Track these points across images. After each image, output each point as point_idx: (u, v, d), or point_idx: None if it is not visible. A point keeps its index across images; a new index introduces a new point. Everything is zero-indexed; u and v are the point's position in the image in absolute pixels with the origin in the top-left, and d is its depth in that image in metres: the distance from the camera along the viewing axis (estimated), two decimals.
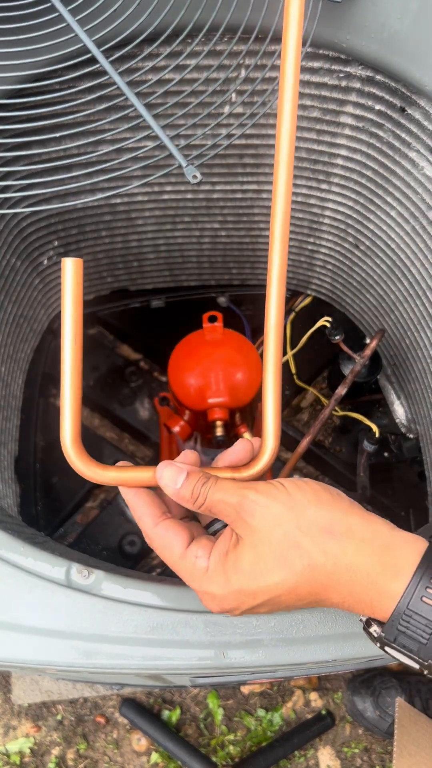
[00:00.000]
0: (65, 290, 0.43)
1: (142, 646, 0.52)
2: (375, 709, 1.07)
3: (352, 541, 0.37)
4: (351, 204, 0.96)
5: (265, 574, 0.37)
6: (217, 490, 0.39)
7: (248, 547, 0.38)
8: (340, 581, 0.37)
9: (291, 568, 0.37)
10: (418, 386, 1.00)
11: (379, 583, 0.36)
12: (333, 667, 0.68)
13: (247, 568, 0.38)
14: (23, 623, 0.52)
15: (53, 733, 1.11)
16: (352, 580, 0.37)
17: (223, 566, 0.39)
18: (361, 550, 0.36)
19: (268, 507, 0.38)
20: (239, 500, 0.38)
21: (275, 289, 0.47)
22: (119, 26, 0.63)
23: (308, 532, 0.37)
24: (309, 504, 0.38)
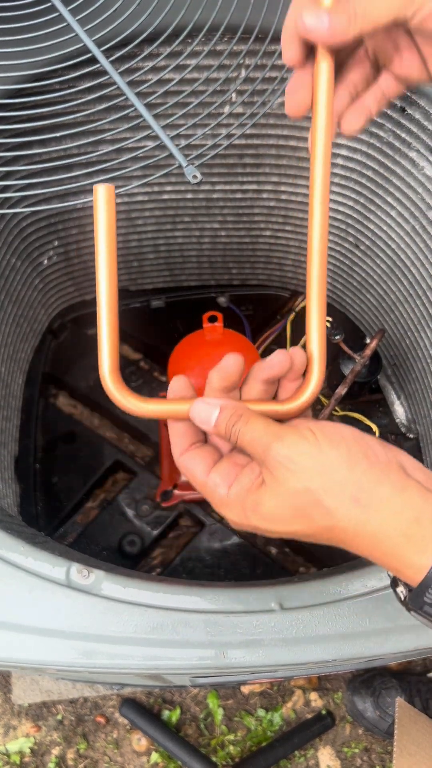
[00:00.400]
0: (98, 217, 0.39)
1: (142, 646, 0.52)
2: (375, 709, 1.07)
3: (378, 513, 0.35)
4: (351, 204, 0.96)
5: (283, 522, 0.37)
6: (247, 430, 0.38)
7: (270, 493, 0.37)
8: (361, 545, 0.37)
9: (310, 522, 0.37)
10: (418, 386, 1.00)
11: (404, 555, 0.36)
12: (333, 667, 0.68)
13: (265, 512, 0.37)
14: (23, 623, 0.52)
15: (53, 733, 1.11)
16: (374, 547, 0.36)
17: (242, 502, 0.38)
18: (387, 521, 0.35)
19: (294, 462, 0.36)
20: (265, 448, 0.37)
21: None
22: (119, 26, 0.63)
23: (334, 495, 0.36)
24: (339, 466, 0.36)
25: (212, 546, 1.02)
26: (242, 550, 1.02)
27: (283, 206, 1.01)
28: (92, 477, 1.07)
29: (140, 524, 1.04)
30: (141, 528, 1.04)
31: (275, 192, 0.98)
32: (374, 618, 0.53)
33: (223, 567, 1.01)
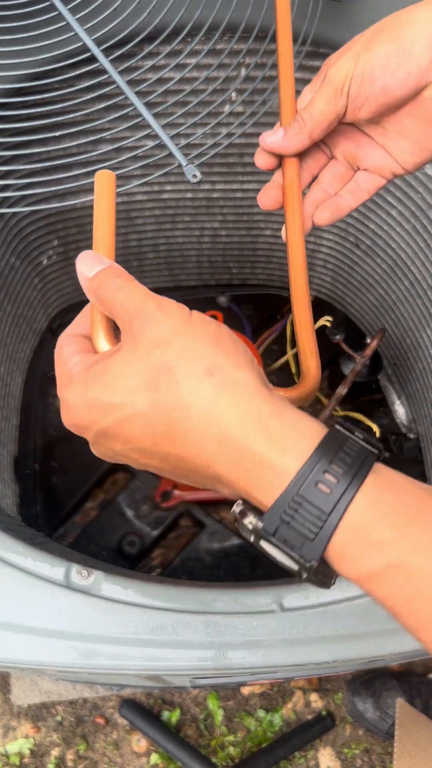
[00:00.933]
0: (99, 203, 0.40)
1: (141, 647, 0.52)
2: (375, 710, 1.06)
3: (229, 391, 0.29)
4: None
5: (125, 390, 0.30)
6: (122, 290, 0.33)
7: (121, 359, 0.31)
8: (207, 438, 0.29)
9: (154, 393, 0.30)
10: (419, 386, 1.00)
11: (262, 454, 0.29)
12: (333, 668, 0.68)
13: (109, 381, 0.31)
14: (22, 624, 0.52)
15: (53, 734, 1.11)
16: (221, 443, 0.29)
17: (86, 373, 0.33)
18: (239, 405, 0.29)
19: (159, 324, 0.31)
20: (137, 308, 0.32)
21: None
22: (119, 25, 0.62)
23: (187, 363, 0.30)
24: (203, 339, 0.31)
25: (212, 546, 1.02)
26: (242, 550, 1.02)
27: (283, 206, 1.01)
28: (92, 477, 1.07)
29: (140, 525, 1.04)
30: (141, 528, 1.04)
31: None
32: (375, 619, 0.52)
33: (223, 567, 1.01)
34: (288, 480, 0.28)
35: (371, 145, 0.41)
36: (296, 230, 0.43)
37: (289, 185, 0.42)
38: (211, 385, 0.29)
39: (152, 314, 0.32)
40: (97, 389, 0.32)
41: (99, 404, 0.31)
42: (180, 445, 0.30)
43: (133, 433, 0.31)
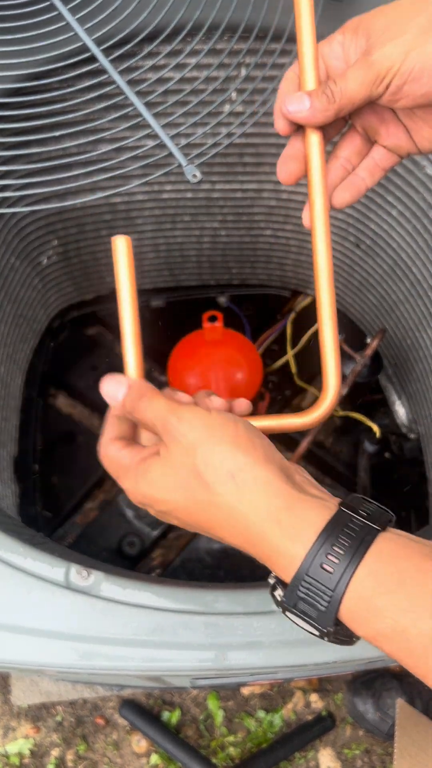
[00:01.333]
0: (118, 269, 0.45)
1: (141, 648, 0.52)
2: (376, 711, 1.06)
3: (251, 493, 0.36)
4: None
5: (166, 491, 0.39)
6: (150, 407, 0.40)
7: (160, 464, 0.39)
8: (235, 527, 0.37)
9: (191, 494, 0.38)
10: (419, 386, 0.99)
11: (275, 542, 0.35)
12: (333, 668, 0.68)
13: (152, 479, 0.39)
14: (22, 624, 0.52)
15: (53, 735, 1.11)
16: (246, 530, 0.37)
17: (136, 469, 0.40)
18: (259, 502, 0.36)
19: (185, 436, 0.38)
20: (164, 425, 0.39)
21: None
22: (119, 25, 0.62)
23: (213, 469, 0.37)
24: (223, 442, 0.37)
25: (212, 547, 1.02)
26: (242, 551, 1.02)
27: (283, 205, 1.01)
28: (92, 477, 1.07)
29: (140, 525, 1.04)
30: (141, 529, 1.04)
31: (275, 191, 0.98)
32: None
33: (223, 568, 1.01)
34: (297, 564, 0.34)
35: (396, 124, 0.40)
36: (318, 205, 0.42)
37: (314, 165, 0.40)
38: (234, 488, 0.36)
39: (176, 429, 0.38)
40: (145, 485, 0.40)
41: (149, 496, 0.40)
42: (218, 529, 0.38)
43: (180, 517, 0.39)
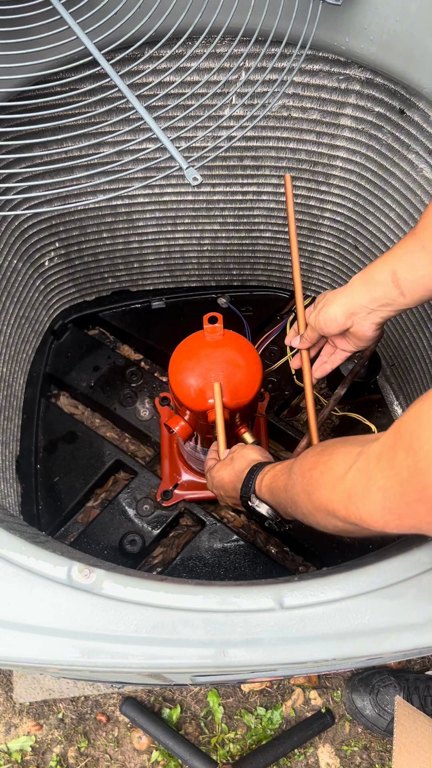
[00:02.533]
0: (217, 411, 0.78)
1: (142, 645, 0.52)
2: (374, 707, 1.07)
3: (230, 465, 0.76)
4: (350, 205, 0.96)
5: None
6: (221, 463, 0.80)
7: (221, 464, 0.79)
8: (237, 478, 0.74)
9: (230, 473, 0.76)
10: (416, 386, 1.00)
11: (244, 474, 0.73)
12: (332, 665, 0.68)
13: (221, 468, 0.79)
14: (25, 622, 0.52)
15: (54, 732, 1.11)
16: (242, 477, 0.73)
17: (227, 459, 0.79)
18: (246, 460, 0.74)
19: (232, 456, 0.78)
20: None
21: None
22: (121, 29, 0.63)
23: (225, 466, 0.77)
24: (238, 452, 0.77)
25: (213, 545, 1.03)
26: (242, 549, 1.02)
27: (282, 207, 1.01)
28: (93, 477, 1.08)
29: (141, 524, 1.05)
30: (142, 527, 1.05)
31: (275, 194, 0.99)
32: (373, 617, 0.53)
33: (224, 566, 1.02)
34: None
35: (341, 340, 0.74)
36: (307, 380, 0.80)
37: (305, 362, 0.80)
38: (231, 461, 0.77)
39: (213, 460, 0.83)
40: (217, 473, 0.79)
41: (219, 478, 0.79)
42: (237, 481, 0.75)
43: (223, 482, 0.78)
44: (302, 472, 0.57)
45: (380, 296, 0.66)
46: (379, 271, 0.66)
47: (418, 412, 0.41)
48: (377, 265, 0.66)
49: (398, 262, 0.64)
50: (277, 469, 0.66)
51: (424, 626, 0.53)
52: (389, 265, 0.65)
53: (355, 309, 0.68)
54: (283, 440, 1.13)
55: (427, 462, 0.40)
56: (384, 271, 0.65)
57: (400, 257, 0.64)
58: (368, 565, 0.55)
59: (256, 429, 1.08)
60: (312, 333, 0.75)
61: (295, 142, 0.89)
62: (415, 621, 0.53)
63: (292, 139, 0.89)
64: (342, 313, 0.69)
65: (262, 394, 1.10)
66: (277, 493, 0.64)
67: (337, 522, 0.52)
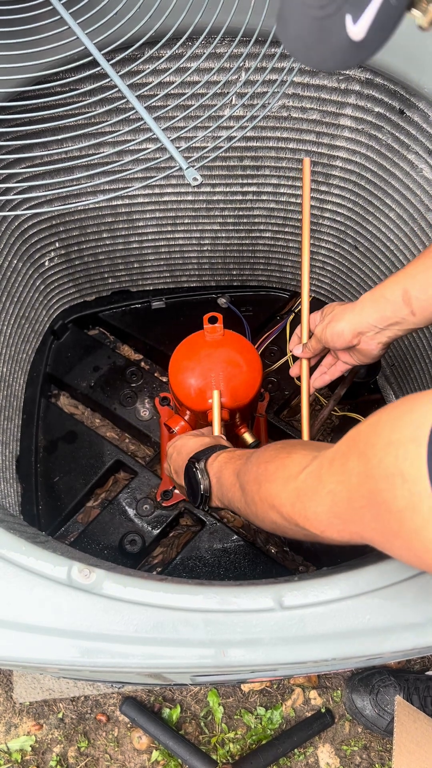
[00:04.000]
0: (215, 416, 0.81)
1: (142, 645, 0.52)
2: (374, 707, 1.07)
3: (201, 436, 0.79)
4: (350, 205, 0.96)
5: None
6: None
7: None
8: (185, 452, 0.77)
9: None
10: (416, 386, 1.00)
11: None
12: (332, 665, 0.69)
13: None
14: (25, 622, 0.52)
15: (54, 731, 1.11)
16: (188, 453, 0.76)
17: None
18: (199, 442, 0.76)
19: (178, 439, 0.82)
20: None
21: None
22: (121, 29, 0.63)
23: (194, 434, 0.81)
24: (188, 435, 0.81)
25: (212, 545, 1.03)
26: (242, 549, 1.02)
27: (282, 208, 1.01)
28: (93, 476, 1.08)
29: (141, 523, 1.05)
30: (142, 527, 1.05)
31: (275, 194, 0.99)
32: (373, 617, 0.53)
33: (224, 566, 1.02)
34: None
35: (344, 353, 0.74)
36: (305, 390, 0.80)
37: (303, 371, 0.79)
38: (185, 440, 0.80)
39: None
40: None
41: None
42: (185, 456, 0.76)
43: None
44: (258, 463, 0.58)
45: (390, 315, 0.66)
46: (390, 289, 0.65)
47: (377, 421, 0.42)
48: (388, 284, 0.66)
49: (410, 281, 0.64)
50: (236, 453, 0.68)
51: (424, 626, 0.53)
52: (401, 283, 0.65)
53: (363, 328, 0.68)
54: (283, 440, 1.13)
55: (378, 469, 0.40)
56: (395, 290, 0.65)
57: (412, 276, 0.64)
58: (368, 565, 0.55)
59: (256, 429, 1.08)
60: (317, 344, 0.74)
61: (295, 142, 0.89)
62: (415, 621, 0.53)
63: (292, 139, 0.89)
64: (350, 330, 0.68)
65: (262, 394, 1.10)
66: (225, 474, 0.66)
67: (276, 518, 0.54)
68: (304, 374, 0.79)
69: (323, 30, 0.39)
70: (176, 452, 0.79)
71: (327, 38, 0.39)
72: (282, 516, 0.52)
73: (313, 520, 0.48)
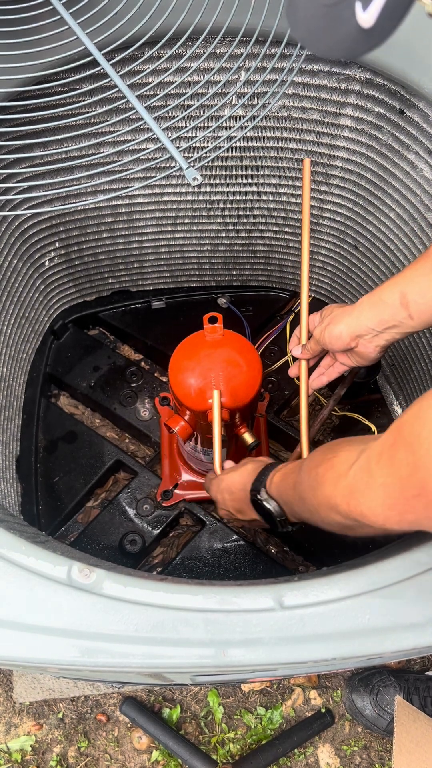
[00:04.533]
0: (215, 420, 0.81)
1: (143, 645, 0.52)
2: (374, 707, 1.07)
3: (242, 467, 0.77)
4: (350, 205, 0.96)
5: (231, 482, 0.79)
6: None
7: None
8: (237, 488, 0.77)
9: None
10: (416, 386, 1.00)
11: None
12: (332, 665, 0.69)
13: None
14: (25, 622, 0.52)
15: (54, 731, 1.11)
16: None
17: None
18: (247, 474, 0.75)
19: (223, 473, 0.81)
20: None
21: None
22: (121, 29, 0.63)
23: (235, 469, 0.79)
24: (246, 460, 0.79)
25: (213, 545, 1.03)
26: (242, 549, 1.02)
27: (282, 208, 1.01)
28: (93, 476, 1.08)
29: (141, 523, 1.05)
30: (142, 527, 1.05)
31: (275, 194, 0.99)
32: (373, 617, 0.53)
33: (224, 566, 1.02)
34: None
35: (342, 355, 0.75)
36: (303, 391, 0.80)
37: (302, 372, 0.80)
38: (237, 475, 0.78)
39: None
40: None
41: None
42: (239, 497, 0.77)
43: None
44: (309, 470, 0.59)
45: (388, 318, 0.66)
46: (388, 292, 0.66)
47: (418, 411, 0.43)
48: (386, 287, 0.66)
49: (409, 284, 0.64)
50: (288, 468, 0.68)
51: (424, 626, 0.53)
52: (399, 286, 0.65)
53: (362, 331, 0.68)
54: (283, 440, 1.13)
55: (427, 459, 0.41)
56: (393, 293, 0.65)
57: (410, 279, 0.65)
58: (368, 565, 0.55)
59: (256, 429, 1.08)
60: (315, 346, 0.75)
61: (295, 143, 0.89)
62: (415, 621, 0.53)
63: (292, 139, 0.89)
64: (348, 333, 0.69)
65: (262, 394, 1.10)
66: (286, 491, 0.66)
67: (339, 518, 0.53)
68: (303, 373, 0.80)
69: (332, 17, 0.39)
70: (228, 493, 0.78)
71: (336, 26, 0.39)
72: (342, 515, 0.52)
73: (369, 514, 0.48)
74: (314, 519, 0.59)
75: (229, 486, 0.77)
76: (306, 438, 0.81)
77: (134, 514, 1.05)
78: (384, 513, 0.47)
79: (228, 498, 0.78)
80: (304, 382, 0.81)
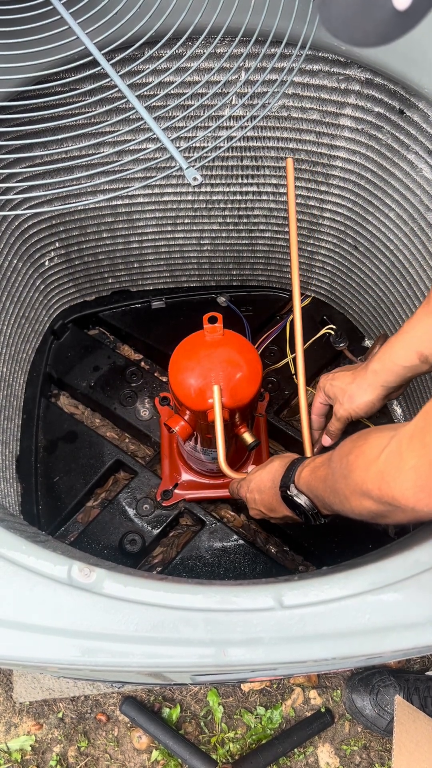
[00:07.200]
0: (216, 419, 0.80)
1: (143, 644, 0.52)
2: (374, 707, 1.07)
3: (269, 464, 0.78)
4: (350, 205, 0.96)
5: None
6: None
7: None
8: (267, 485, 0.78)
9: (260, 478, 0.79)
10: (416, 386, 1.00)
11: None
12: (332, 664, 0.69)
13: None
14: (25, 621, 0.52)
15: (54, 731, 1.11)
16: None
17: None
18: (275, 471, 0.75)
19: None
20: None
21: None
22: (121, 29, 0.63)
23: (262, 467, 0.79)
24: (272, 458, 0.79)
25: (212, 545, 1.03)
26: (242, 549, 1.03)
27: (282, 207, 1.01)
28: (93, 476, 1.08)
29: (141, 523, 1.05)
30: (142, 527, 1.05)
31: (275, 194, 0.99)
32: (373, 616, 0.53)
33: (223, 565, 1.02)
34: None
35: None
36: (303, 393, 0.84)
37: (300, 371, 0.84)
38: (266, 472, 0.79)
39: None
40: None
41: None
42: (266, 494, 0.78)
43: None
44: (339, 458, 0.60)
45: (410, 375, 0.71)
46: (404, 357, 0.70)
47: None
48: (400, 353, 0.70)
49: (423, 344, 0.68)
50: (316, 462, 0.68)
51: (424, 626, 0.53)
52: (413, 347, 0.69)
53: (390, 393, 0.74)
54: (283, 440, 1.13)
55: None
56: (410, 356, 0.69)
57: (420, 338, 0.68)
58: (368, 565, 0.55)
59: (256, 429, 1.08)
60: (340, 425, 0.79)
61: (294, 142, 0.89)
62: (415, 621, 0.53)
63: (292, 139, 0.89)
64: (378, 401, 0.74)
65: (262, 394, 1.10)
66: (316, 484, 0.66)
67: (371, 504, 0.54)
68: (301, 374, 0.81)
69: (367, 3, 0.40)
70: (257, 492, 0.78)
71: (371, 11, 0.40)
72: (374, 500, 0.53)
73: (400, 497, 0.49)
74: (346, 509, 0.60)
75: (259, 485, 0.77)
76: (307, 438, 0.81)
77: (134, 514, 1.05)
78: (415, 495, 0.47)
79: (258, 497, 0.78)
80: (303, 382, 0.81)
